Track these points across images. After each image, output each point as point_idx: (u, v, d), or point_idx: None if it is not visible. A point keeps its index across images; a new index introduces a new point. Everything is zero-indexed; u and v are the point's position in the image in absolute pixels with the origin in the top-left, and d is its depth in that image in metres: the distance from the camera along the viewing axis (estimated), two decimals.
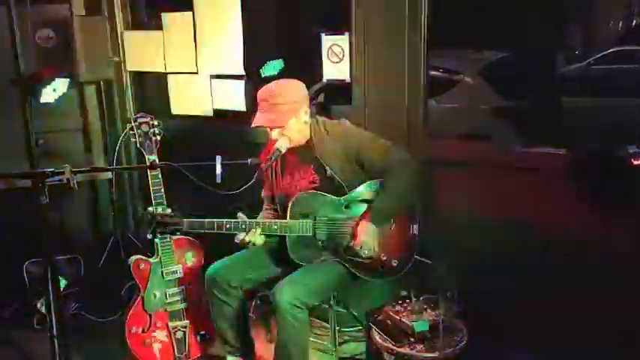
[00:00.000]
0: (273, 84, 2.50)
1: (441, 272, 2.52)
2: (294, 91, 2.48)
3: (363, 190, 2.54)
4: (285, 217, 2.51)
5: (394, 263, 2.56)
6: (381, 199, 2.48)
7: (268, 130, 2.50)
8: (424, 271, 2.67)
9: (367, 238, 2.47)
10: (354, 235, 2.48)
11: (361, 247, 2.47)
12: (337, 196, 2.52)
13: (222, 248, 2.76)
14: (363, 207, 2.52)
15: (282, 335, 2.39)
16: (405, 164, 2.48)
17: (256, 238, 2.45)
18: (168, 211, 2.53)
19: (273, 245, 2.63)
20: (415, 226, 2.59)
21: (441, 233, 2.85)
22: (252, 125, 2.48)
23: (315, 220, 2.49)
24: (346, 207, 2.53)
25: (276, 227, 2.46)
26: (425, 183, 2.79)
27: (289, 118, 2.44)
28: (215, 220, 2.44)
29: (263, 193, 2.77)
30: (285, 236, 2.50)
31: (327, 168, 2.51)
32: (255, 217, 2.61)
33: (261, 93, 2.46)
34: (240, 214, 2.47)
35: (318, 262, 2.52)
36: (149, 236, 2.60)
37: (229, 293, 2.59)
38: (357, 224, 2.48)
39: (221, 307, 2.62)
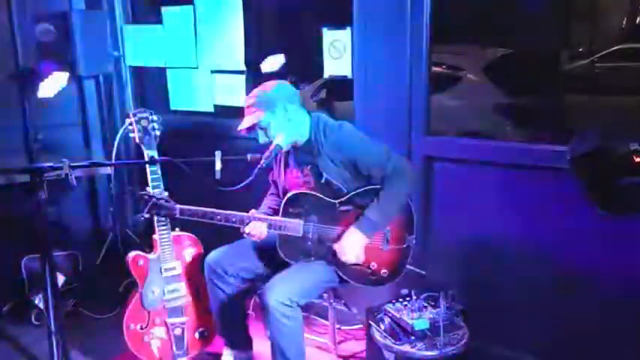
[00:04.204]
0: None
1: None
2: (265, 88, 2.50)
3: (358, 197, 2.48)
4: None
5: (384, 274, 2.52)
6: (373, 209, 2.42)
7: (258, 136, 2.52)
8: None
9: (352, 246, 2.43)
10: (339, 239, 2.46)
11: (343, 253, 2.44)
12: (334, 198, 2.49)
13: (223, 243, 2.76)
14: (355, 212, 2.47)
15: (273, 333, 2.38)
16: (403, 173, 2.43)
17: (262, 229, 2.45)
18: (165, 194, 2.54)
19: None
20: (411, 237, 2.52)
21: (443, 232, 2.85)
22: (237, 129, 2.51)
23: (305, 221, 2.47)
24: (339, 210, 2.50)
25: (267, 223, 2.46)
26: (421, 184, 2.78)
27: (261, 114, 2.44)
28: (207, 209, 2.44)
29: (271, 178, 2.77)
30: None
31: (323, 173, 2.47)
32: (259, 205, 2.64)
33: (245, 102, 2.52)
34: (252, 211, 2.50)
35: (307, 262, 2.51)
36: (146, 215, 2.59)
37: (226, 280, 2.62)
38: (346, 229, 2.46)
39: (218, 294, 2.65)
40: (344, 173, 2.47)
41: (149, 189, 2.68)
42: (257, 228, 2.45)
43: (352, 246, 2.42)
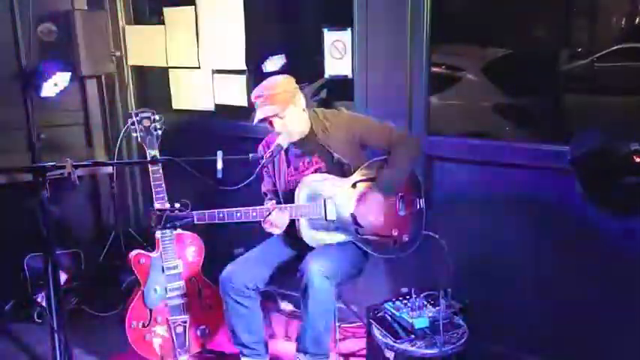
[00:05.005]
0: (263, 82, 2.57)
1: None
2: (285, 81, 2.56)
3: (368, 169, 2.60)
4: None
5: (406, 238, 2.62)
6: (387, 171, 2.56)
7: (269, 125, 2.54)
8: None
9: (372, 206, 2.53)
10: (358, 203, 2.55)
11: (364, 214, 2.53)
12: (345, 177, 2.58)
13: (225, 245, 2.77)
14: (369, 183, 2.58)
15: (312, 307, 2.40)
16: (407, 139, 2.61)
17: (284, 219, 2.48)
18: (177, 205, 2.52)
19: (282, 235, 2.66)
20: (421, 200, 2.65)
21: (443, 231, 2.86)
22: (254, 121, 2.53)
23: (324, 201, 2.52)
24: (353, 186, 2.57)
25: (287, 211, 2.50)
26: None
27: (287, 106, 2.49)
28: (225, 210, 2.45)
29: (263, 188, 2.78)
30: (293, 223, 2.54)
31: (333, 153, 2.56)
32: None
33: (255, 91, 2.54)
34: (272, 202, 2.55)
35: (331, 244, 2.57)
36: (158, 234, 2.60)
37: (245, 294, 2.59)
38: (364, 194, 2.56)
39: (237, 309, 2.61)
40: (350, 151, 2.58)
41: (157, 204, 2.68)
42: (279, 217, 2.48)
43: (372, 206, 2.53)
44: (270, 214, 2.46)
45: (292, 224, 2.55)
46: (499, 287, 2.74)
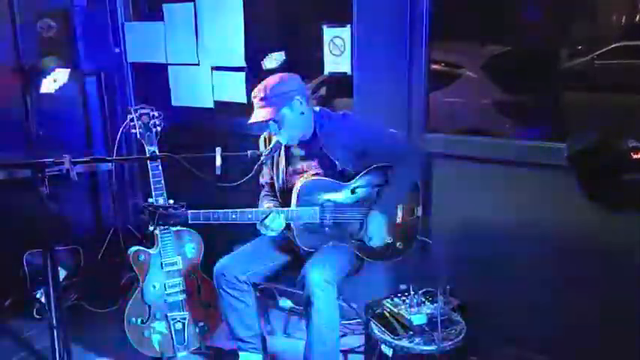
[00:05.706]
0: (263, 81, 2.52)
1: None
2: (282, 82, 2.48)
3: (369, 176, 2.57)
4: (287, 207, 2.53)
5: (400, 246, 2.61)
6: (391, 189, 2.53)
7: (268, 127, 2.52)
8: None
9: (378, 229, 2.53)
10: (364, 226, 2.54)
11: (372, 239, 2.53)
12: (344, 181, 2.55)
13: (225, 242, 2.77)
14: (369, 192, 2.56)
15: (317, 319, 2.37)
16: (411, 152, 2.59)
17: (280, 223, 2.47)
18: (171, 202, 2.51)
19: (278, 236, 2.64)
20: (419, 208, 2.64)
21: (442, 229, 2.86)
22: (249, 122, 2.51)
23: (321, 206, 2.50)
24: (352, 192, 2.56)
25: (283, 215, 2.48)
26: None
27: (280, 109, 2.44)
28: (220, 210, 2.44)
29: (262, 180, 2.78)
30: (289, 225, 2.53)
31: (335, 160, 2.52)
32: (256, 205, 2.66)
33: (253, 92, 2.51)
34: (267, 204, 2.56)
35: (326, 246, 2.55)
36: (151, 228, 2.59)
37: (239, 287, 2.60)
38: (367, 215, 2.53)
39: (231, 302, 2.62)
40: (353, 159, 2.54)
41: (150, 200, 2.67)
42: (275, 221, 2.46)
43: (379, 229, 2.54)
44: (266, 217, 2.45)
45: (287, 224, 2.53)
46: (498, 284, 2.74)
